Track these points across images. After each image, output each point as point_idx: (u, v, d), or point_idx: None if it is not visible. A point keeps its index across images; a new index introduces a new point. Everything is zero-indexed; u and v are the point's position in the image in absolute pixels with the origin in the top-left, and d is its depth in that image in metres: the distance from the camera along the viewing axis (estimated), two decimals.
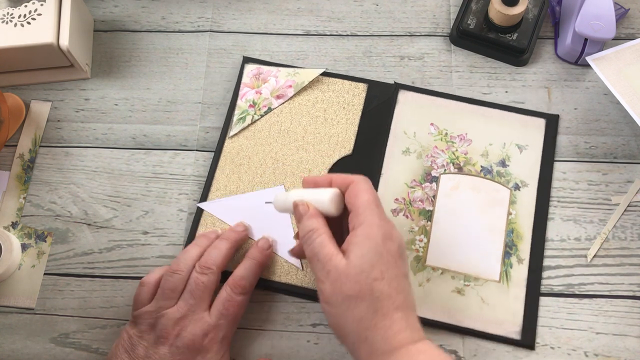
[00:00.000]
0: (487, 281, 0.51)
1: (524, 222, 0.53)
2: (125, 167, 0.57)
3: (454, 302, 0.50)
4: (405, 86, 0.59)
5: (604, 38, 0.56)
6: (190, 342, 0.45)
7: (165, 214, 0.56)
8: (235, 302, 0.47)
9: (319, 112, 0.58)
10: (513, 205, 0.53)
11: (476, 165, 0.55)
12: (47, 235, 0.55)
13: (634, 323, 0.50)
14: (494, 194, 0.54)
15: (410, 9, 0.63)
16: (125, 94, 0.60)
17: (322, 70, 0.59)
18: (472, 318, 0.50)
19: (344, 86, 0.59)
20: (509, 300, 0.50)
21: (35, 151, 0.58)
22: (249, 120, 0.57)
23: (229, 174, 0.56)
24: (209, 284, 0.47)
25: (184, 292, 0.47)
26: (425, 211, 0.54)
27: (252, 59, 0.60)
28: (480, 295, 0.51)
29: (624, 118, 0.57)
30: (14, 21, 0.56)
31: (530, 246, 0.52)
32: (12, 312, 0.53)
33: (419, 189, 0.54)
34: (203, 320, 0.46)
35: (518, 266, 0.52)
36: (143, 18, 0.64)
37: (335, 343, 0.50)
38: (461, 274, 0.51)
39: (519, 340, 0.49)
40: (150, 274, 0.49)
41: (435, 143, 0.56)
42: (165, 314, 0.46)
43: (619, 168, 0.55)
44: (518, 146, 0.56)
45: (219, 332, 0.46)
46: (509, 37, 0.59)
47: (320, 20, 0.63)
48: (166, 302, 0.47)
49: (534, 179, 0.55)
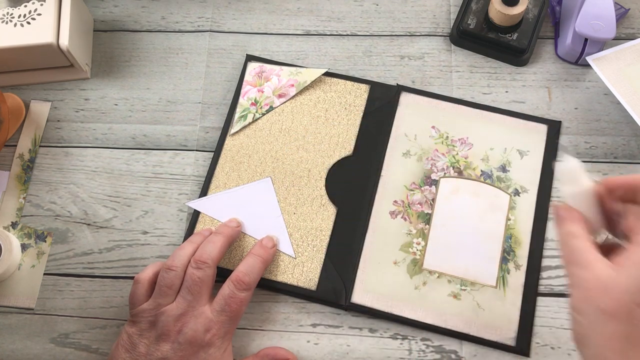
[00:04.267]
0: (484, 286, 0.51)
1: (522, 228, 0.53)
2: (125, 167, 0.57)
3: (449, 307, 0.50)
4: (408, 88, 0.58)
5: (604, 38, 0.56)
6: (192, 337, 0.45)
7: (165, 214, 0.56)
8: (238, 298, 0.47)
9: (320, 112, 0.58)
10: (512, 211, 0.53)
11: (476, 169, 0.55)
12: (47, 235, 0.55)
13: None
14: (493, 199, 0.54)
15: (411, 9, 0.63)
16: (125, 94, 0.60)
17: (325, 70, 0.59)
18: (467, 323, 0.50)
19: (346, 87, 0.59)
20: (505, 306, 0.50)
21: (35, 151, 0.58)
22: (251, 118, 0.57)
23: (229, 171, 0.56)
24: (205, 278, 0.47)
25: (182, 289, 0.47)
26: (424, 214, 0.54)
27: (255, 57, 0.60)
28: (477, 300, 0.50)
29: (624, 118, 0.57)
30: (14, 21, 0.56)
31: (529, 252, 0.52)
32: (12, 312, 0.53)
33: (418, 192, 0.54)
34: (204, 316, 0.46)
35: (515, 272, 0.51)
36: (143, 18, 0.64)
37: (336, 343, 0.50)
38: (458, 279, 0.51)
39: (513, 346, 0.49)
40: (143, 271, 0.49)
41: (436, 146, 0.56)
42: (164, 311, 0.46)
43: (619, 168, 0.55)
44: (519, 151, 0.55)
45: (221, 328, 0.46)
46: (509, 37, 0.59)
47: (320, 20, 0.63)
48: (164, 299, 0.47)
49: (534, 185, 0.54)
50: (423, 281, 0.51)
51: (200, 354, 0.45)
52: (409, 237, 0.53)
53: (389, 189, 0.55)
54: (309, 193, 0.55)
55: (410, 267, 0.52)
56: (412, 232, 0.53)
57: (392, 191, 0.54)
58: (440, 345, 0.50)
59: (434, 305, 0.50)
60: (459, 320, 0.50)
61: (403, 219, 0.54)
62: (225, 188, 0.55)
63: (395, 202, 0.54)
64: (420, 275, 0.51)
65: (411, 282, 0.51)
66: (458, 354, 0.50)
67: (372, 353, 0.50)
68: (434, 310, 0.50)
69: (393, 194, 0.54)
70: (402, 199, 0.54)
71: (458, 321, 0.50)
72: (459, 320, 0.50)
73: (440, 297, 0.51)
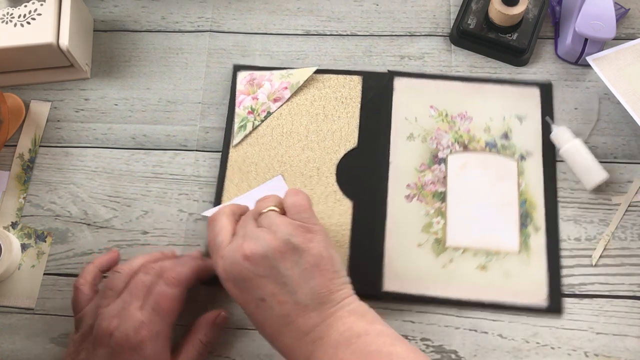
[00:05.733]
0: (508, 254, 0.52)
1: (534, 191, 0.54)
2: (125, 167, 0.57)
3: (479, 279, 0.51)
4: (399, 73, 0.59)
5: (604, 38, 0.56)
6: (123, 340, 0.43)
7: (165, 214, 0.55)
8: (167, 294, 0.45)
9: (318, 109, 0.58)
10: (522, 175, 0.54)
11: (480, 141, 0.56)
12: (46, 235, 0.55)
13: (634, 323, 0.50)
14: (501, 167, 0.55)
15: (411, 9, 0.63)
16: (125, 94, 0.60)
17: (315, 68, 0.59)
18: (498, 292, 0.51)
19: (339, 81, 0.59)
20: (532, 270, 0.51)
21: (35, 151, 0.58)
22: (250, 127, 0.57)
23: (238, 182, 0.55)
24: (150, 284, 0.46)
25: (124, 291, 0.46)
26: (438, 193, 0.54)
27: (243, 66, 0.60)
28: (503, 269, 0.51)
29: (624, 118, 0.57)
30: (13, 21, 0.56)
31: (545, 213, 0.53)
32: (12, 312, 0.53)
33: (428, 172, 0.55)
34: (134, 317, 0.44)
35: (535, 235, 0.52)
36: (143, 18, 0.64)
37: None
38: (482, 251, 0.52)
39: (546, 307, 0.50)
40: (81, 277, 0.49)
41: (438, 125, 0.57)
42: (101, 313, 0.45)
43: (619, 168, 0.55)
44: (518, 117, 0.57)
45: (152, 328, 0.44)
46: (509, 37, 0.59)
47: (320, 20, 0.63)
48: (104, 301, 0.46)
49: (538, 148, 0.55)
50: (449, 259, 0.52)
51: (134, 357, 0.43)
52: (427, 218, 0.53)
53: (400, 174, 0.55)
54: (321, 191, 0.55)
55: (434, 247, 0.52)
56: (430, 213, 0.53)
57: (404, 175, 0.55)
58: (441, 345, 0.50)
59: (464, 281, 0.51)
60: (490, 291, 0.51)
61: (419, 201, 0.54)
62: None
63: (409, 186, 0.55)
64: (445, 254, 0.52)
65: (437, 261, 0.52)
66: (458, 354, 0.50)
67: None
68: (464, 285, 0.51)
69: (405, 178, 0.55)
70: (414, 182, 0.55)
71: (489, 292, 0.51)
72: (490, 291, 0.51)
73: (468, 271, 0.51)
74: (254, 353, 0.50)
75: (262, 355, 0.50)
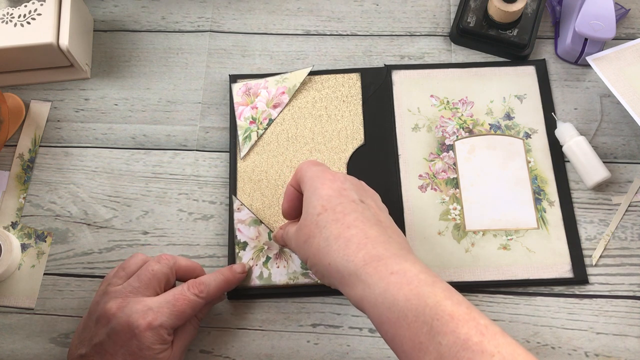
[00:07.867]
0: (527, 230, 0.53)
1: (544, 167, 0.55)
2: (125, 167, 0.57)
3: (503, 259, 0.52)
4: (396, 66, 0.59)
5: (604, 38, 0.56)
6: (125, 323, 0.43)
7: (165, 214, 0.55)
8: (186, 298, 0.45)
9: (320, 111, 0.58)
10: (529, 153, 0.56)
11: (484, 124, 0.57)
12: (46, 235, 0.55)
13: (634, 323, 0.50)
14: (509, 147, 0.56)
15: (410, 9, 0.63)
16: (125, 94, 0.60)
17: (310, 69, 0.59)
18: (524, 269, 0.52)
19: (337, 80, 0.59)
20: (552, 243, 0.52)
21: (35, 151, 0.58)
22: (255, 136, 0.57)
23: (250, 192, 0.55)
24: (159, 273, 0.46)
25: (133, 275, 0.46)
26: (451, 180, 0.55)
27: (238, 76, 0.60)
28: (525, 246, 0.52)
29: (624, 118, 0.57)
30: (14, 21, 0.56)
31: (557, 187, 0.54)
32: (12, 312, 0.53)
33: (438, 161, 0.56)
34: (143, 303, 0.44)
35: (551, 209, 0.53)
36: (143, 18, 0.64)
37: (336, 343, 0.50)
38: (501, 231, 0.53)
39: (572, 278, 0.51)
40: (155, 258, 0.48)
41: (441, 113, 0.57)
42: (108, 292, 0.45)
43: (619, 168, 0.55)
44: (517, 97, 0.58)
45: (158, 317, 0.43)
46: (510, 33, 0.59)
47: (320, 20, 0.63)
48: (115, 280, 0.46)
49: (541, 124, 0.57)
50: (471, 242, 0.53)
51: (133, 342, 0.43)
52: (444, 205, 0.54)
53: (411, 165, 0.56)
54: None
55: (455, 232, 0.53)
56: (446, 200, 0.54)
57: (414, 166, 0.56)
58: None
59: (488, 262, 0.52)
60: (515, 269, 0.52)
61: (433, 189, 0.55)
62: (251, 209, 0.54)
63: (421, 176, 0.55)
64: (467, 238, 0.53)
65: (460, 246, 0.52)
66: None
67: (372, 353, 0.50)
68: (489, 267, 0.52)
69: (416, 169, 0.55)
70: (426, 172, 0.55)
71: (515, 270, 0.52)
72: (515, 269, 0.52)
73: (491, 252, 0.52)
74: (254, 353, 0.50)
75: (262, 355, 0.50)
